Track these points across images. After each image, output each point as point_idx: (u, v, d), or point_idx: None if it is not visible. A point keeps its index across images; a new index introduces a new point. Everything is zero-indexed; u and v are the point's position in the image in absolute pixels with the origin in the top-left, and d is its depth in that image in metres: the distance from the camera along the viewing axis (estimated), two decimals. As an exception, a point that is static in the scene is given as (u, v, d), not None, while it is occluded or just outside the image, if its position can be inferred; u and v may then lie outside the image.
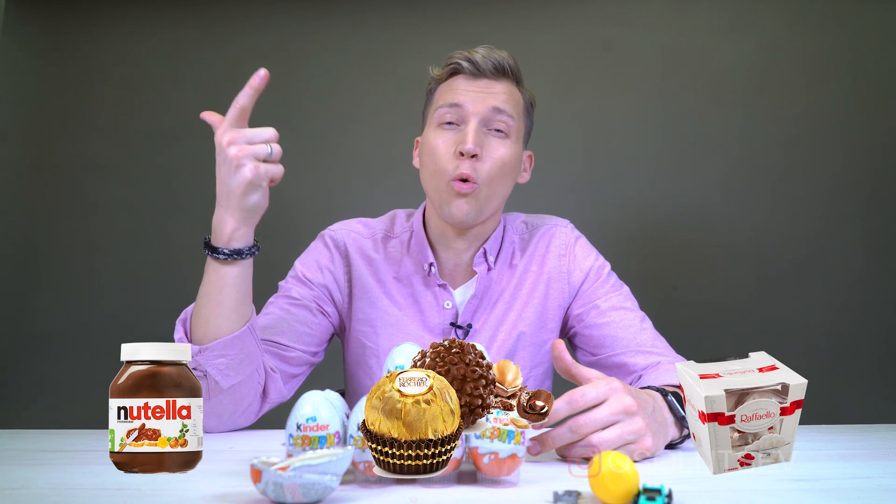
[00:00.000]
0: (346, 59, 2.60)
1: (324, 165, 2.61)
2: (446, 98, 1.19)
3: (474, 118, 1.16)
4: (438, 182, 1.17)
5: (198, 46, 2.66)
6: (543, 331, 1.26)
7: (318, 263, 1.26)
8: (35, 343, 2.60)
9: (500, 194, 1.20)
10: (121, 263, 2.57)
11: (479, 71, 1.18)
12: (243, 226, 0.98)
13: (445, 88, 1.20)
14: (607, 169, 2.52)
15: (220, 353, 0.98)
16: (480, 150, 1.14)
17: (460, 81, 1.19)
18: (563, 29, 2.55)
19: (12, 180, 2.66)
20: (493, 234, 1.26)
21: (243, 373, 1.01)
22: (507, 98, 1.18)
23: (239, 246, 0.98)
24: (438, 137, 1.18)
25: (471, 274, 1.25)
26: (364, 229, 1.30)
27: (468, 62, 1.18)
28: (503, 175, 1.18)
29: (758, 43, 2.47)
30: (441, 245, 1.24)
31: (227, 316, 0.99)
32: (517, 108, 1.21)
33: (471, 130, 1.14)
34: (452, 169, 1.15)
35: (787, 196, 2.43)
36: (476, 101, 1.16)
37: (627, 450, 0.77)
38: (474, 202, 1.16)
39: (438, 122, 1.19)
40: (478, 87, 1.18)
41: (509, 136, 1.18)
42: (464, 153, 1.13)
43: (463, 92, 1.17)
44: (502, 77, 1.19)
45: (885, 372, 2.35)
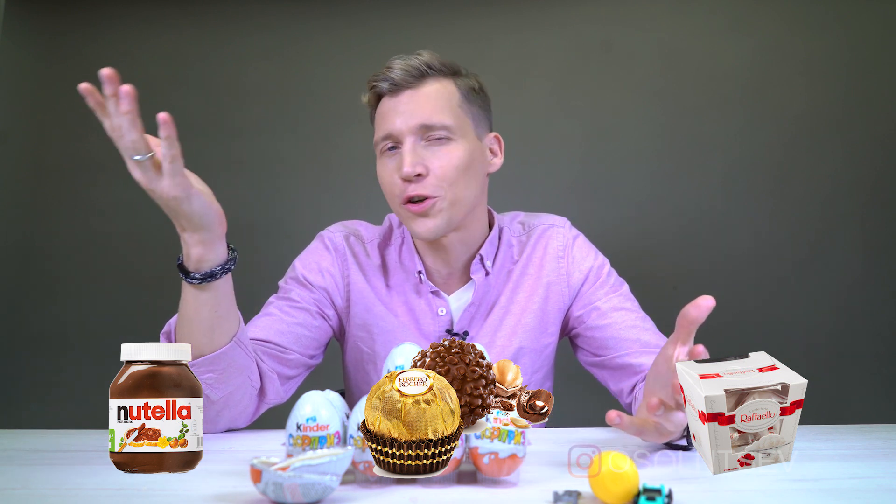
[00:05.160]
0: (346, 59, 2.60)
1: (324, 165, 2.61)
2: (378, 130, 1.17)
3: (407, 138, 1.13)
4: (395, 207, 1.17)
5: (198, 46, 2.66)
6: (544, 335, 1.24)
7: (319, 266, 1.24)
8: (35, 343, 2.60)
9: (467, 196, 1.16)
10: (121, 263, 2.57)
11: (397, 85, 1.15)
12: (207, 246, 0.92)
13: (378, 117, 1.19)
14: (607, 169, 2.52)
15: (208, 368, 0.97)
16: (423, 167, 1.12)
17: (385, 104, 1.17)
18: (563, 29, 2.55)
19: (12, 180, 2.67)
20: (489, 238, 1.23)
21: (233, 384, 1.00)
22: (434, 105, 1.14)
23: (210, 268, 0.93)
24: (383, 166, 1.17)
25: (465, 279, 1.24)
26: (364, 233, 1.28)
27: (384, 80, 1.15)
28: (461, 177, 1.14)
29: (758, 43, 2.47)
30: (429, 254, 1.22)
31: (209, 335, 0.96)
32: (450, 107, 1.15)
33: (406, 153, 1.12)
34: (400, 193, 1.14)
35: (787, 196, 2.43)
36: (403, 120, 1.13)
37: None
38: (437, 214, 1.14)
39: (381, 151, 1.18)
40: (401, 103, 1.14)
41: (452, 139, 1.15)
42: (404, 178, 1.12)
43: (389, 116, 1.15)
44: (424, 79, 1.15)
45: (885, 372, 2.35)
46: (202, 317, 0.95)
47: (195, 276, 0.93)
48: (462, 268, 1.23)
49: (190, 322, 0.96)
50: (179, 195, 0.86)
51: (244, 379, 1.02)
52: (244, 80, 2.63)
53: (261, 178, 2.60)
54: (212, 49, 2.65)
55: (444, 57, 1.18)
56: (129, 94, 0.82)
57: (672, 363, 0.76)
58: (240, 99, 2.62)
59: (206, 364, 0.96)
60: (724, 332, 2.32)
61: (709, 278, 2.40)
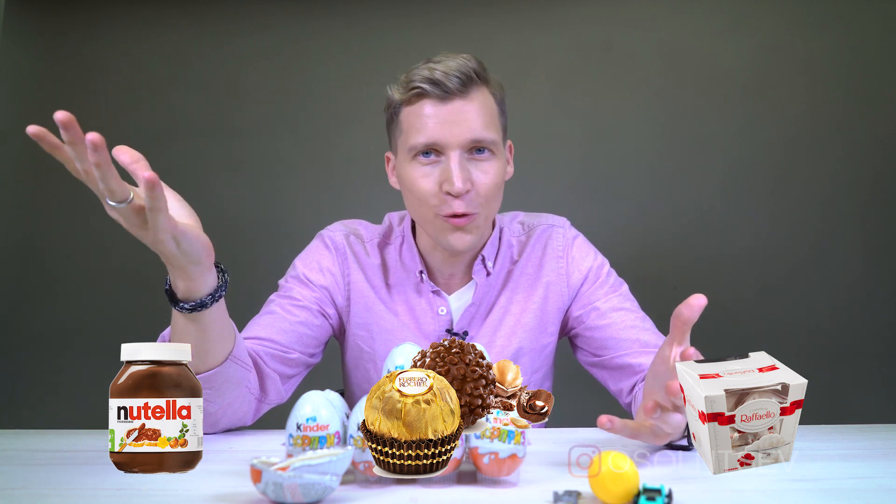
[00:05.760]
0: (346, 59, 2.60)
1: (324, 165, 2.61)
2: (418, 135, 1.09)
3: (455, 151, 1.08)
4: (427, 216, 1.13)
5: (198, 46, 2.66)
6: (543, 335, 1.24)
7: (320, 265, 1.24)
8: (35, 343, 2.60)
9: (496, 210, 1.18)
10: (121, 263, 2.57)
11: (447, 92, 1.08)
12: (195, 280, 0.86)
13: (413, 117, 1.11)
14: (607, 169, 2.52)
15: (204, 385, 0.93)
16: (470, 182, 1.09)
17: (427, 108, 1.09)
18: (564, 29, 2.55)
19: (12, 180, 2.67)
20: (490, 238, 1.24)
21: (230, 396, 0.99)
22: (483, 119, 1.10)
23: (199, 298, 0.87)
24: (418, 172, 1.11)
25: (467, 279, 1.24)
26: (364, 232, 1.28)
27: (432, 84, 1.08)
28: (497, 193, 1.14)
29: (758, 43, 2.47)
30: (432, 255, 1.22)
31: (202, 357, 0.92)
32: (493, 121, 1.12)
33: (455, 166, 1.07)
34: (439, 204, 1.10)
35: (787, 196, 2.43)
36: (452, 132, 1.08)
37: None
38: (474, 230, 1.13)
39: (414, 155, 1.11)
40: (449, 112, 1.08)
41: (495, 154, 1.12)
42: (452, 193, 1.08)
43: (434, 124, 1.08)
44: (471, 87, 1.09)
45: (885, 372, 2.35)
46: (194, 341, 0.90)
47: (184, 306, 0.87)
48: (464, 268, 1.23)
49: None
50: (163, 239, 0.79)
51: (242, 389, 1.01)
52: (244, 80, 2.63)
53: (261, 178, 2.60)
54: (212, 49, 2.65)
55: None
56: (96, 145, 0.70)
57: (669, 364, 0.76)
58: (240, 99, 2.62)
59: (202, 382, 0.94)
60: (724, 332, 2.34)
61: (709, 278, 2.40)
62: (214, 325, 0.91)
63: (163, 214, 0.76)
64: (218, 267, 0.90)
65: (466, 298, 1.23)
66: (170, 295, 0.89)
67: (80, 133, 0.71)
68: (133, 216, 0.77)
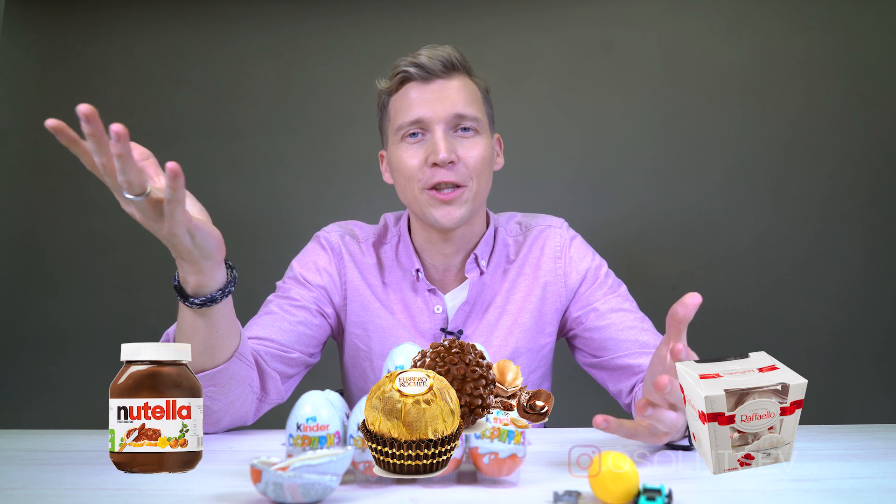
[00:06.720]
0: (346, 59, 2.60)
1: (324, 165, 2.61)
2: (404, 115, 1.15)
3: (439, 125, 1.13)
4: (415, 194, 1.15)
5: (198, 46, 2.66)
6: (541, 335, 1.24)
7: (317, 265, 1.25)
8: (35, 343, 2.60)
9: (486, 190, 1.19)
10: (121, 263, 2.57)
11: (429, 73, 1.14)
12: (206, 274, 0.86)
13: (399, 101, 1.17)
14: (606, 169, 2.52)
15: (209, 382, 0.95)
16: (455, 155, 1.13)
17: (412, 90, 1.15)
18: (563, 30, 2.55)
19: (12, 180, 2.67)
20: (484, 237, 1.24)
21: (234, 394, 1.00)
22: (465, 97, 1.15)
23: (209, 293, 0.88)
24: (406, 152, 1.15)
25: (462, 278, 1.24)
26: (359, 232, 1.29)
27: (416, 67, 1.14)
28: (485, 169, 1.17)
29: (757, 43, 2.47)
30: (427, 251, 1.23)
31: (210, 353, 0.93)
32: (477, 102, 1.17)
33: (439, 139, 1.12)
34: (427, 179, 1.13)
35: (787, 196, 2.43)
36: (435, 107, 1.13)
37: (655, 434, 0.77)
38: (463, 204, 1.15)
39: (402, 137, 1.16)
40: (432, 91, 1.14)
41: (479, 133, 1.17)
42: (438, 163, 1.12)
43: (419, 102, 1.14)
44: (453, 72, 1.16)
45: (885, 372, 2.35)
46: (202, 337, 0.91)
47: (194, 301, 0.88)
48: (458, 266, 1.24)
49: (189, 340, 0.92)
50: (179, 233, 0.79)
51: (245, 387, 1.01)
52: (244, 80, 2.63)
53: (261, 178, 2.60)
54: (212, 49, 2.65)
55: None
56: (120, 136, 0.71)
57: (666, 364, 0.76)
58: (240, 99, 2.62)
59: (207, 379, 0.95)
60: (724, 332, 2.34)
61: (708, 278, 2.40)
62: (223, 321, 0.92)
63: (181, 207, 0.77)
64: (226, 262, 0.91)
65: (461, 297, 1.23)
66: (179, 291, 0.89)
67: (101, 125, 0.72)
68: (150, 209, 0.77)
